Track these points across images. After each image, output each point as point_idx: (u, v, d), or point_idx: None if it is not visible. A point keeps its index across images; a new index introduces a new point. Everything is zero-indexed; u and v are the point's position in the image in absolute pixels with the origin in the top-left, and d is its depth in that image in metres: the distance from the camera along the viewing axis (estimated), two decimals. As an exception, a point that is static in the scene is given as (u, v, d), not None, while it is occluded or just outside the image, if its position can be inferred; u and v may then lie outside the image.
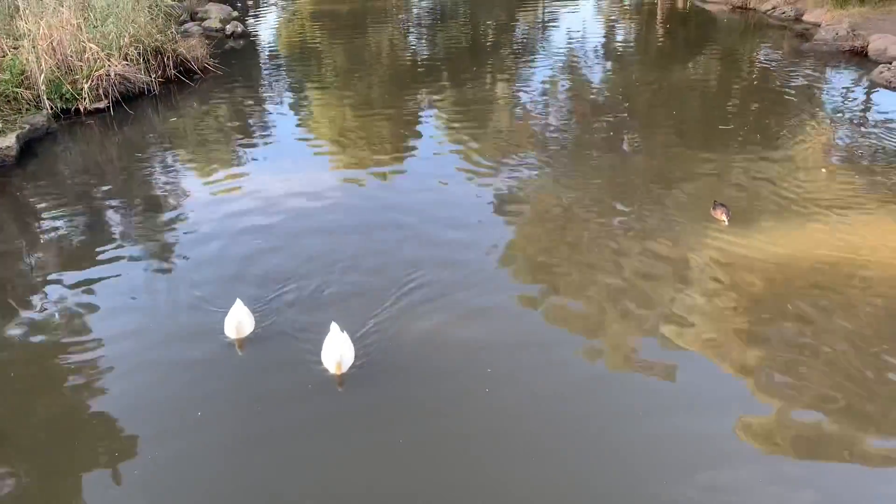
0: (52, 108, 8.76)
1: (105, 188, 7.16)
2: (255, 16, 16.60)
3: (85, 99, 8.99)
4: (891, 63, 9.64)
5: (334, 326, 4.27)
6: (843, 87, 9.64)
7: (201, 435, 3.83)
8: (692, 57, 11.43)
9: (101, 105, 9.11)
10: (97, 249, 5.88)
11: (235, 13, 15.22)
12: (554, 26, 14.60)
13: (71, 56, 9.17)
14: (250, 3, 18.09)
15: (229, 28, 13.73)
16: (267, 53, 13.06)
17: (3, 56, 8.95)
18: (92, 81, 9.11)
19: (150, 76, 9.84)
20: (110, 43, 9.59)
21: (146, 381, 4.27)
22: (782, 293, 4.88)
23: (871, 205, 6.09)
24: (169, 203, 6.78)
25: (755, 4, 13.99)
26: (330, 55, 12.66)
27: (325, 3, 18.50)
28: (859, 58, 10.71)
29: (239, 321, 4.50)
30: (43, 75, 8.76)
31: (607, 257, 5.44)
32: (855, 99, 9.18)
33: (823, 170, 6.90)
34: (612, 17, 15.55)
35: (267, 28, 15.33)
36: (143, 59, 9.87)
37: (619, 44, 13.13)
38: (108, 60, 9.32)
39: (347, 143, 8.30)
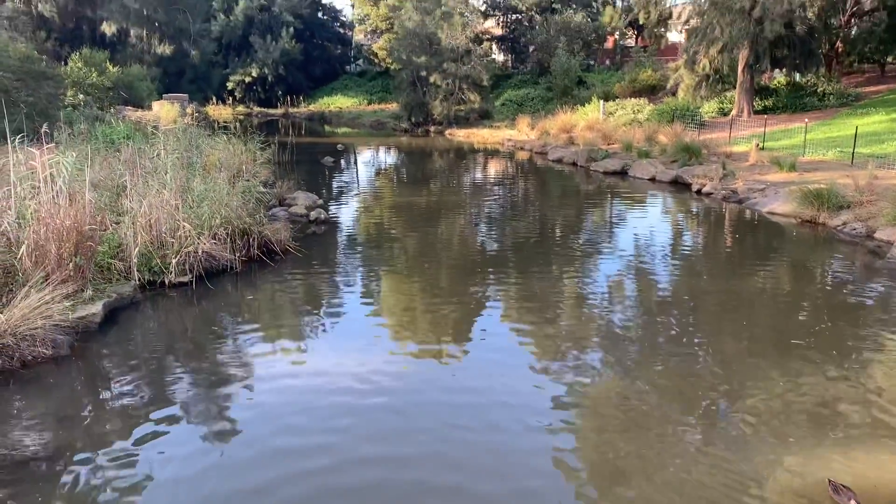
0: (139, 280, 9.32)
1: (176, 361, 7.39)
2: (339, 203, 17.69)
3: (171, 273, 9.55)
4: (971, 285, 9.38)
5: None
6: (922, 307, 9.38)
7: None
8: (761, 267, 11.43)
9: (185, 279, 9.64)
10: (154, 426, 5.98)
11: (320, 201, 16.28)
12: (621, 226, 14.99)
13: (165, 233, 9.88)
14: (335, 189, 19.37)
15: (313, 214, 14.63)
16: (345, 238, 13.74)
17: (105, 230, 9.71)
18: (180, 257, 9.71)
19: (235, 255, 10.44)
20: (202, 223, 10.33)
21: None
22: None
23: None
24: (232, 383, 6.91)
25: (825, 219, 14.11)
26: (403, 242, 13.23)
27: (404, 195, 19.65)
28: (937, 277, 10.50)
29: None
30: (137, 249, 9.42)
31: (673, 477, 5.18)
32: (935, 320, 8.89)
33: (905, 394, 6.57)
34: (680, 222, 15.90)
35: (348, 215, 16.26)
36: (231, 239, 10.53)
37: (687, 248, 13.30)
38: (199, 238, 9.98)
39: (412, 330, 8.44)
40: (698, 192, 18.44)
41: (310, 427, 5.98)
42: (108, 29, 47.56)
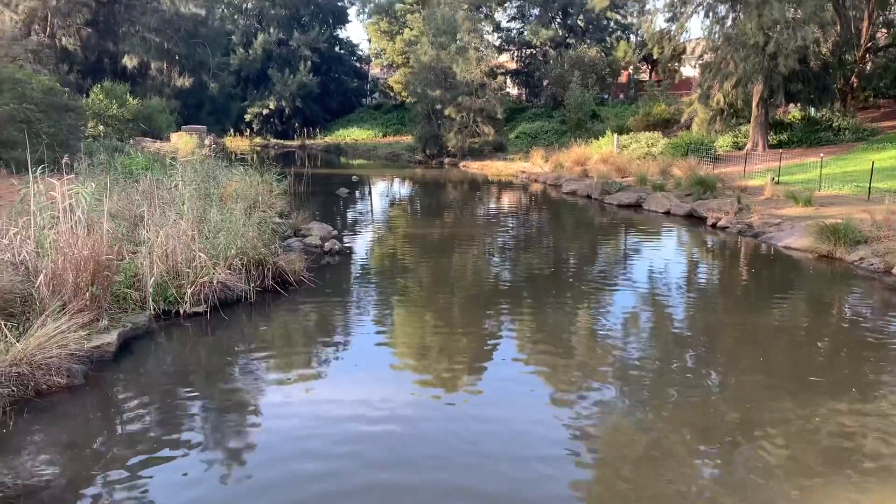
0: (154, 310, 9.36)
1: (189, 391, 7.39)
2: (353, 234, 17.77)
3: (186, 303, 9.58)
4: None
5: None
6: (943, 344, 9.24)
7: None
8: (777, 301, 11.33)
9: (200, 309, 9.67)
10: (167, 456, 5.97)
11: (335, 232, 16.37)
12: (636, 259, 14.94)
13: (181, 263, 9.94)
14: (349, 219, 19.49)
15: (328, 245, 14.70)
16: (359, 269, 13.78)
17: (122, 260, 9.79)
18: (196, 287, 9.76)
19: (249, 285, 10.47)
20: (218, 253, 10.39)
21: None
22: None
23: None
24: (245, 414, 6.90)
25: (841, 254, 13.98)
26: (417, 273, 13.24)
27: (418, 227, 19.73)
28: (957, 314, 10.36)
29: None
30: (153, 279, 9.48)
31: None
32: (956, 357, 8.75)
33: (927, 433, 6.44)
34: (695, 256, 15.84)
35: (362, 246, 16.33)
36: (246, 270, 10.58)
37: (703, 282, 13.22)
38: (214, 269, 10.04)
39: (426, 361, 8.41)
40: (713, 225, 18.38)
41: (321, 458, 5.93)
42: (130, 62, 48.48)
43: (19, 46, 27.15)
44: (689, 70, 47.31)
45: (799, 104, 32.40)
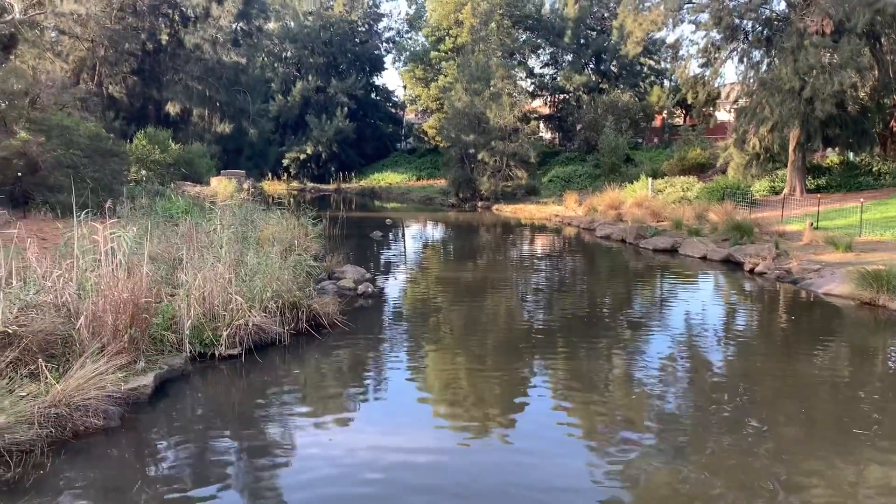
0: (191, 352, 9.47)
1: (223, 434, 7.43)
2: (386, 277, 17.86)
3: (222, 345, 9.68)
4: None
5: None
6: None
7: None
8: (819, 349, 11.06)
9: (235, 352, 9.75)
10: (200, 495, 5.98)
11: (368, 275, 16.47)
12: (672, 305, 14.74)
13: (218, 306, 10.08)
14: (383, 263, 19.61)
15: (361, 288, 14.77)
16: (392, 312, 13.81)
17: (160, 302, 9.96)
18: (231, 329, 9.86)
19: (284, 328, 10.55)
20: (254, 296, 10.51)
21: None
22: None
23: None
24: (278, 458, 6.90)
25: (885, 301, 13.62)
26: (450, 317, 13.22)
27: (451, 270, 19.77)
28: None
29: None
30: (190, 321, 9.61)
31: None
32: None
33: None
34: (733, 302, 15.57)
35: (395, 289, 16.38)
36: (280, 312, 10.68)
37: (741, 329, 12.98)
38: (250, 311, 10.15)
39: (458, 406, 8.35)
40: (751, 271, 18.08)
41: (356, 501, 5.90)
42: (172, 109, 49.93)
43: (68, 95, 28.16)
44: (723, 115, 47.18)
45: (837, 148, 32.03)
